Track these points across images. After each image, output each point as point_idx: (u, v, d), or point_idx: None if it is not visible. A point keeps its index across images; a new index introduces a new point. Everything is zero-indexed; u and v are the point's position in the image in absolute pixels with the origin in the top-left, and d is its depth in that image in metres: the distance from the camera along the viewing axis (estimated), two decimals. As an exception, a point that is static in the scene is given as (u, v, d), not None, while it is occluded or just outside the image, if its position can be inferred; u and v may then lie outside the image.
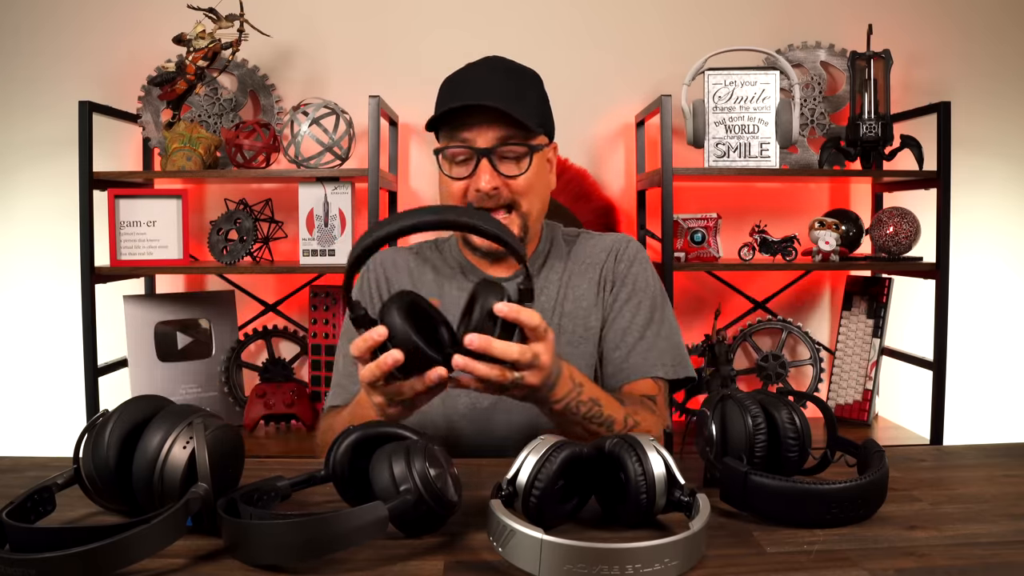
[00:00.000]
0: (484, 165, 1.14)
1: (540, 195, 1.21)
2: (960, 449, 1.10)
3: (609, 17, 2.21)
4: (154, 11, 2.13)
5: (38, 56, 2.15)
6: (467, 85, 1.16)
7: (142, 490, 0.74)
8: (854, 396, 2.10)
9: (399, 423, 0.84)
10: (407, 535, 0.74)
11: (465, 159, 1.16)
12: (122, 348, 2.03)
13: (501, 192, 1.15)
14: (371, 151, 1.86)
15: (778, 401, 0.86)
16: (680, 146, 2.06)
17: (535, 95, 1.20)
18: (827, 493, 0.77)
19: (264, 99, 2.13)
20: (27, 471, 0.96)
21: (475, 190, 1.15)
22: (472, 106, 1.12)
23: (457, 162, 1.17)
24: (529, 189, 1.17)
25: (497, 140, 1.14)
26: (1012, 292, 2.28)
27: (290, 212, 2.07)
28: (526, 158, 1.16)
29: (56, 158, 2.13)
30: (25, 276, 2.18)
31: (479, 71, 1.19)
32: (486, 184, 1.13)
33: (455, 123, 1.15)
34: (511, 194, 1.16)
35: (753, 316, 2.19)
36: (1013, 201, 2.27)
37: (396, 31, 2.17)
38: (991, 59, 2.25)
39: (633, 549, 0.63)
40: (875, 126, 1.97)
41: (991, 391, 2.27)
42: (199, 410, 0.79)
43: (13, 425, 2.18)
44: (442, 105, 1.17)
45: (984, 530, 0.78)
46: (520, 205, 1.17)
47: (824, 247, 1.94)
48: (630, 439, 0.77)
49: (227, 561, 0.69)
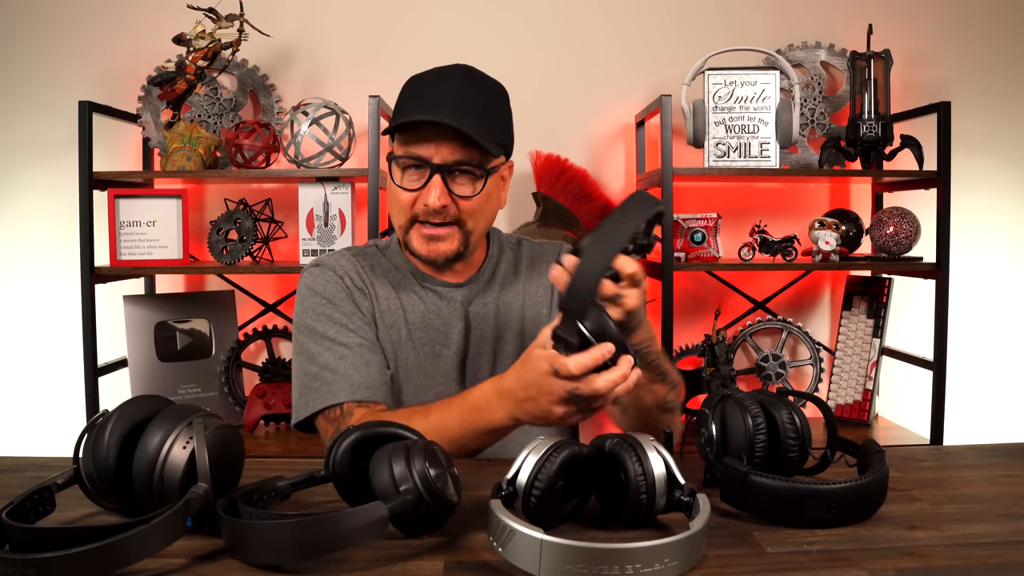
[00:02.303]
0: (436, 181, 1.12)
1: (488, 215, 1.20)
2: (960, 449, 1.10)
3: (609, 17, 2.21)
4: (154, 11, 2.13)
5: (38, 56, 2.15)
6: (433, 97, 1.13)
7: (142, 490, 0.74)
8: (854, 396, 2.10)
9: (399, 423, 0.84)
10: (407, 535, 0.74)
11: (418, 170, 1.14)
12: (122, 348, 2.03)
13: (449, 209, 1.13)
14: (371, 151, 1.86)
15: (778, 401, 0.86)
16: (680, 146, 2.06)
17: (501, 114, 1.17)
18: (827, 493, 0.77)
19: (264, 99, 2.13)
20: (27, 471, 0.96)
21: (424, 204, 1.13)
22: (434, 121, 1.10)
23: (409, 172, 1.15)
24: (478, 210, 1.16)
25: (454, 159, 1.12)
26: (1012, 292, 2.28)
27: (290, 212, 2.07)
28: (480, 179, 1.15)
29: (56, 158, 2.13)
30: (25, 276, 2.18)
31: (447, 82, 1.15)
32: (435, 201, 1.11)
33: (414, 132, 1.13)
34: (459, 212, 1.15)
35: (753, 316, 2.19)
36: (1013, 201, 2.27)
37: (396, 31, 2.17)
38: (991, 59, 2.25)
39: (633, 549, 0.63)
40: (875, 126, 1.97)
41: (991, 391, 2.27)
42: (199, 410, 0.79)
43: (13, 425, 2.18)
44: (404, 112, 1.14)
45: (984, 530, 0.78)
46: (466, 223, 1.16)
47: (824, 247, 1.94)
48: (630, 439, 0.77)
49: (227, 561, 0.69)
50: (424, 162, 1.12)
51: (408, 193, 1.14)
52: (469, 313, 1.22)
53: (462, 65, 1.19)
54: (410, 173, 1.15)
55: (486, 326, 1.22)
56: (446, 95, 1.13)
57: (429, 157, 1.12)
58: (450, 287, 1.23)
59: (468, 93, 1.14)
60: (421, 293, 1.23)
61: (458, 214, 1.15)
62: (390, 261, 1.27)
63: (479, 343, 1.22)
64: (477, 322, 1.22)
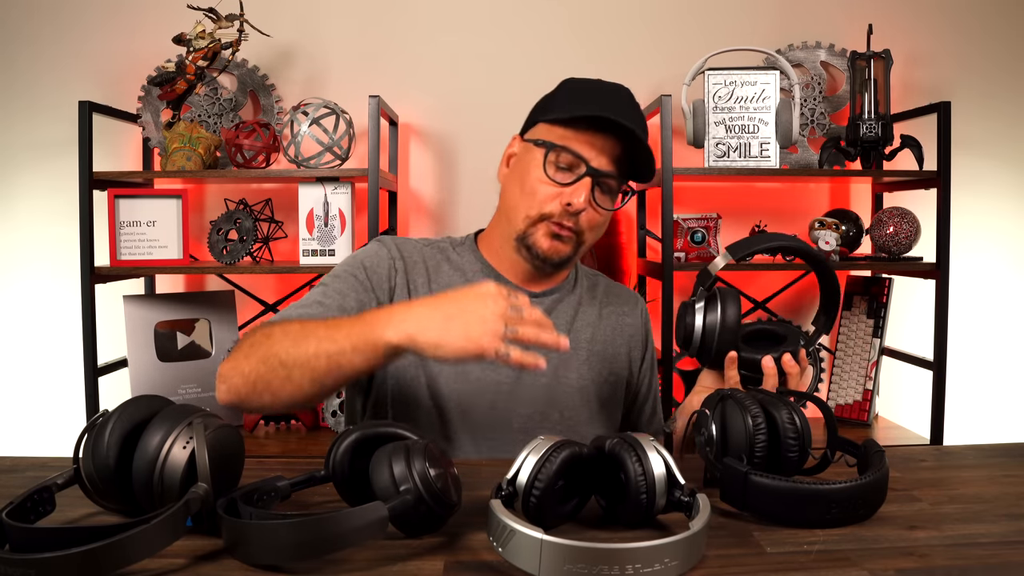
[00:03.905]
0: (587, 183, 1.08)
1: (600, 233, 1.18)
2: (960, 449, 1.10)
3: (608, 17, 2.20)
4: (154, 11, 2.13)
5: (38, 57, 2.15)
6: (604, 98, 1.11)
7: (142, 490, 0.74)
8: (854, 396, 2.10)
9: (398, 423, 0.84)
10: (407, 535, 0.74)
11: (568, 168, 1.10)
12: (122, 348, 2.03)
13: (581, 218, 1.11)
14: (371, 151, 1.86)
15: (778, 401, 0.86)
16: (680, 146, 2.06)
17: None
18: (827, 493, 0.77)
19: (264, 99, 2.13)
20: (27, 471, 0.96)
21: (567, 203, 1.09)
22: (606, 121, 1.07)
23: (560, 167, 1.10)
24: (599, 225, 1.15)
25: (608, 167, 1.10)
26: (1012, 292, 2.28)
27: (290, 212, 2.07)
28: (616, 195, 1.13)
29: (56, 158, 2.13)
30: (25, 276, 2.18)
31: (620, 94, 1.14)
32: (583, 202, 1.08)
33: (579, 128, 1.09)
34: (586, 223, 1.12)
35: (753, 316, 2.19)
36: (1013, 201, 2.27)
37: (396, 31, 2.17)
38: (991, 59, 2.25)
39: (633, 549, 0.63)
40: (875, 126, 1.97)
41: (991, 391, 2.27)
42: (199, 410, 0.79)
43: (13, 425, 2.18)
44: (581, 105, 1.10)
45: (984, 530, 0.78)
46: (586, 237, 1.14)
47: (824, 247, 1.94)
48: (630, 439, 0.77)
49: (227, 561, 0.69)
50: (580, 159, 1.09)
51: (552, 187, 1.10)
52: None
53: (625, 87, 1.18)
54: (560, 171, 1.10)
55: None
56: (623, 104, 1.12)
57: (589, 158, 1.09)
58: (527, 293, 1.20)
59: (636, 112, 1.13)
60: None
61: (587, 224, 1.12)
62: (460, 255, 1.23)
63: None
64: None
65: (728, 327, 1.05)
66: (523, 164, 1.14)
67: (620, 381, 1.27)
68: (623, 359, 1.27)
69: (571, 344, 1.17)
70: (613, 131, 1.09)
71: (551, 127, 1.12)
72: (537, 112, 1.19)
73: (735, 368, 1.06)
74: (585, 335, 1.24)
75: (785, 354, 1.05)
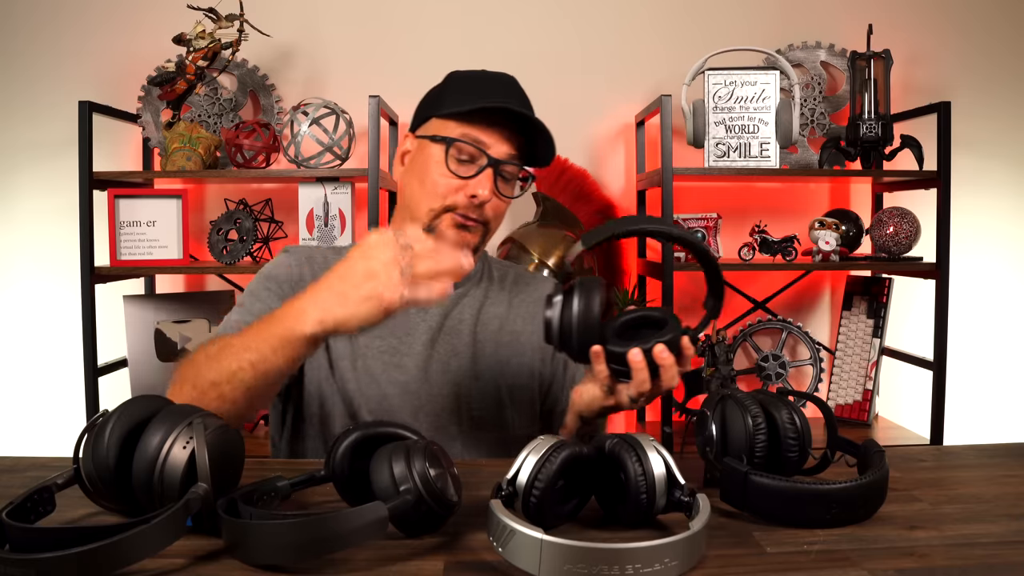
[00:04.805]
0: (489, 175, 1.09)
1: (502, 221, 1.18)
2: (960, 449, 1.09)
3: (609, 17, 2.21)
4: (154, 11, 2.13)
5: (38, 56, 2.15)
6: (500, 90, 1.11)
7: (142, 490, 0.74)
8: (854, 396, 2.10)
9: (398, 423, 0.84)
10: (407, 535, 0.74)
11: (470, 160, 1.11)
12: (122, 348, 2.03)
13: (485, 207, 1.11)
14: (371, 151, 1.86)
15: (778, 401, 0.86)
16: (680, 146, 2.06)
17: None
18: (827, 493, 0.77)
19: (264, 99, 2.13)
20: (27, 471, 0.95)
21: (470, 195, 1.09)
22: (502, 111, 1.08)
23: (461, 160, 1.10)
24: (502, 213, 1.15)
25: (508, 156, 1.11)
26: (1012, 292, 2.28)
27: (290, 212, 2.07)
28: (517, 183, 1.14)
29: (56, 158, 2.14)
30: (25, 276, 2.18)
31: (510, 82, 1.14)
32: (486, 193, 1.09)
33: (475, 120, 1.10)
34: (491, 212, 1.12)
35: (753, 316, 2.19)
36: (1013, 201, 2.27)
37: (396, 31, 2.17)
38: (991, 59, 2.25)
39: (633, 549, 0.63)
40: (875, 126, 1.97)
41: (991, 391, 2.27)
42: (199, 410, 0.79)
43: (13, 425, 2.18)
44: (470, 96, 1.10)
45: (984, 530, 0.78)
46: (491, 226, 1.14)
47: (824, 247, 1.94)
48: (630, 439, 0.77)
49: (227, 561, 0.69)
50: (481, 151, 1.09)
51: (451, 180, 1.10)
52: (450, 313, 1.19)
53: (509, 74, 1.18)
54: (461, 164, 1.10)
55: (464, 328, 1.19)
56: (513, 92, 1.13)
57: (487, 146, 1.09)
58: None
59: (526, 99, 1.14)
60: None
61: (491, 213, 1.12)
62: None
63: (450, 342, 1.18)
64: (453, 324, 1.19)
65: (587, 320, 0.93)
66: (421, 160, 1.14)
67: (533, 371, 1.23)
68: (536, 348, 1.23)
69: (478, 338, 1.18)
70: (509, 119, 1.10)
71: (445, 121, 1.12)
72: (427, 107, 1.18)
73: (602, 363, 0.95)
74: (492, 327, 1.21)
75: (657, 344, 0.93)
